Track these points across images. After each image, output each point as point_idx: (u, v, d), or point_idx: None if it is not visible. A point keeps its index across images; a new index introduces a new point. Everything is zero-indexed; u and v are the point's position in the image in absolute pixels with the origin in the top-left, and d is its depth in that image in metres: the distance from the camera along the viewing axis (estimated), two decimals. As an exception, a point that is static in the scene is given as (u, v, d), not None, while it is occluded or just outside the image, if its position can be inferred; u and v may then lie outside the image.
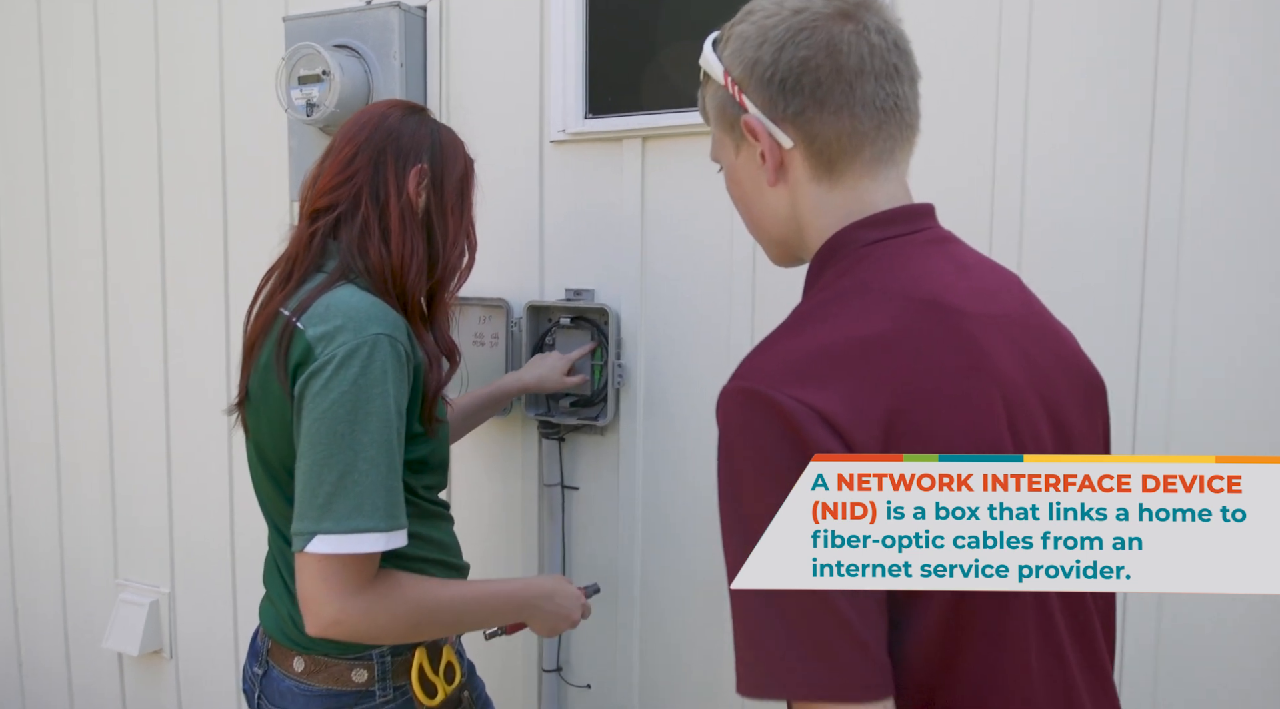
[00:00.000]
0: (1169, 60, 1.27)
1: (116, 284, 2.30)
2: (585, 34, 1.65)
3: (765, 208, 0.83)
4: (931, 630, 0.69)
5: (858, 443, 0.66)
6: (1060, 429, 0.78)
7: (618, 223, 1.66)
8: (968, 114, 1.38)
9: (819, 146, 0.77)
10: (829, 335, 0.71)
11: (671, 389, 1.64)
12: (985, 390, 0.71)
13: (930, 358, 0.70)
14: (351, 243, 1.14)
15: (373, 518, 1.03)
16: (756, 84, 0.77)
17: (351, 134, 1.18)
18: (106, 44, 2.24)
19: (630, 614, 1.70)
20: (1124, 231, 1.31)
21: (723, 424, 0.71)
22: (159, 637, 2.30)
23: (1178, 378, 1.29)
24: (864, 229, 0.78)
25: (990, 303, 0.77)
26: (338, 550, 1.02)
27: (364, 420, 1.03)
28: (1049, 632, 0.73)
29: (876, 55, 0.75)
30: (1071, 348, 0.84)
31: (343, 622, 1.04)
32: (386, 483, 1.05)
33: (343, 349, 1.04)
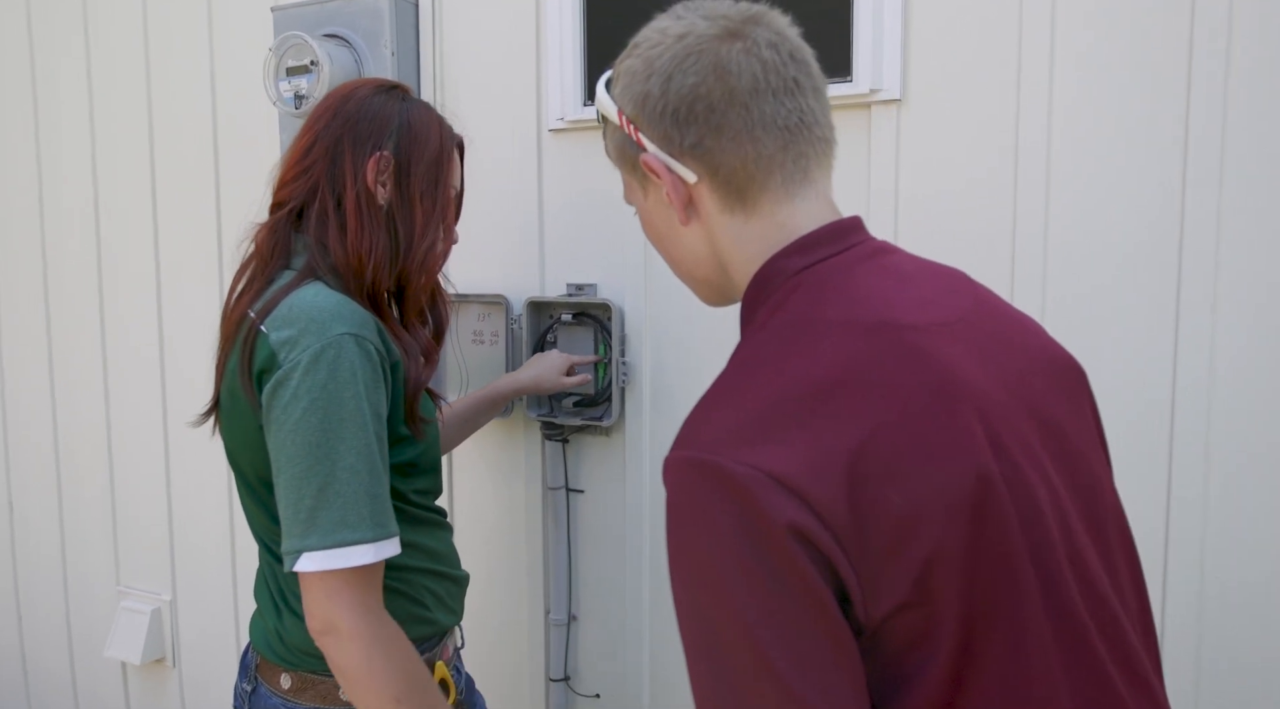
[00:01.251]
0: (1204, 40, 1.18)
1: (111, 279, 2.25)
2: (583, 17, 1.57)
3: (683, 249, 0.78)
4: (938, 683, 0.62)
5: (820, 502, 0.59)
6: (1048, 428, 0.71)
7: (620, 214, 1.59)
8: (989, 105, 1.30)
9: (724, 176, 0.72)
10: (773, 383, 0.64)
11: (679, 386, 1.57)
12: (955, 409, 0.63)
13: (886, 387, 0.63)
14: (313, 239, 1.08)
15: (358, 529, 0.98)
16: (649, 119, 0.72)
17: (313, 120, 1.12)
18: (96, 37, 2.19)
19: (639, 621, 1.63)
20: (1156, 225, 1.23)
21: (671, 497, 0.64)
22: (161, 645, 2.26)
23: (1217, 378, 1.21)
24: (790, 257, 0.72)
25: (940, 310, 0.70)
26: (326, 566, 0.97)
27: (338, 427, 0.98)
28: (1077, 645, 0.65)
29: (771, 71, 0.70)
30: (1038, 337, 0.77)
31: (346, 642, 0.99)
32: (370, 491, 1.00)
33: (307, 354, 0.98)
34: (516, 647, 1.75)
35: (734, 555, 0.59)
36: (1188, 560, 1.24)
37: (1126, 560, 0.75)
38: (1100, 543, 0.71)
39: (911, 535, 0.60)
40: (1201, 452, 1.23)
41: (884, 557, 0.59)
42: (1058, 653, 0.64)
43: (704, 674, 0.62)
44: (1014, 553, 0.63)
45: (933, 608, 0.60)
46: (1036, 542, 0.64)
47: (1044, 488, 0.67)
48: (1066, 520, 0.68)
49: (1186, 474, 1.24)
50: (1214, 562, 1.23)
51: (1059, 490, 0.69)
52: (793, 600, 0.58)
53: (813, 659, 0.58)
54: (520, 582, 1.74)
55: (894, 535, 0.59)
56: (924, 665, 0.61)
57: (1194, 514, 1.24)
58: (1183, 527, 1.25)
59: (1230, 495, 1.22)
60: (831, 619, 0.59)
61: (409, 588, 1.13)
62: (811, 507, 0.59)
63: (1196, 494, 1.23)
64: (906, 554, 0.60)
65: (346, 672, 1.00)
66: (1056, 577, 0.65)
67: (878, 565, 0.59)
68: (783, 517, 0.58)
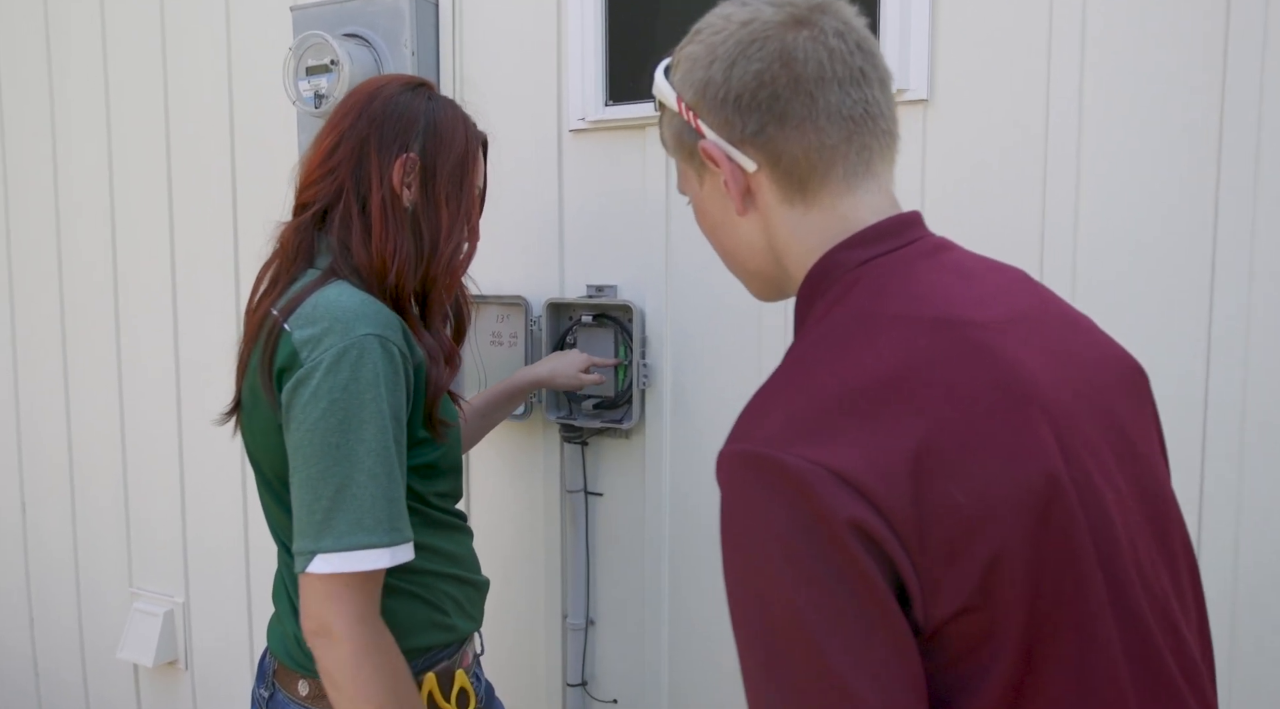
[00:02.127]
0: (1239, 27, 1.17)
1: (126, 284, 2.24)
2: (605, 17, 1.56)
3: (738, 240, 0.77)
4: (1000, 691, 0.60)
5: (883, 500, 0.57)
6: (1115, 431, 0.68)
7: (641, 215, 1.58)
8: (1017, 105, 1.28)
9: (786, 166, 0.70)
10: (834, 377, 0.63)
11: (700, 389, 1.56)
12: (1023, 408, 0.61)
13: (951, 384, 0.61)
14: (336, 240, 1.07)
15: (374, 533, 0.97)
16: (710, 105, 0.71)
17: (337, 119, 1.10)
18: (112, 36, 2.18)
19: (658, 625, 1.62)
20: (1188, 228, 1.21)
21: (724, 495, 0.62)
22: (174, 647, 2.25)
23: (1251, 380, 1.19)
24: (850, 250, 0.70)
25: (1003, 308, 0.68)
26: (340, 569, 0.96)
27: (358, 429, 0.97)
28: (1147, 658, 0.63)
29: (837, 60, 0.68)
30: (1101, 338, 0.75)
31: (339, 644, 0.97)
32: (388, 494, 0.99)
33: (329, 354, 0.97)
34: (534, 651, 1.74)
35: (792, 553, 0.58)
36: (1221, 550, 1.23)
37: (1189, 572, 0.73)
38: (1165, 552, 0.69)
39: (975, 536, 0.58)
40: (1236, 443, 1.21)
41: (946, 557, 0.58)
42: (1126, 664, 0.62)
43: (758, 673, 0.60)
44: (1082, 558, 0.61)
45: (995, 612, 0.59)
46: (1105, 547, 0.62)
47: (1111, 493, 0.65)
48: (1132, 527, 0.66)
49: (1220, 464, 1.22)
50: (1248, 557, 1.21)
51: (1125, 496, 0.67)
52: (853, 599, 0.57)
53: (872, 659, 0.57)
54: (538, 585, 1.72)
55: (957, 535, 0.58)
56: (983, 672, 0.59)
57: (1228, 506, 1.22)
58: (1216, 519, 1.23)
59: (1265, 487, 1.20)
60: (892, 619, 0.57)
61: (429, 593, 1.12)
62: (874, 503, 0.57)
63: (1230, 486, 1.22)
64: (969, 555, 0.58)
65: (334, 676, 0.98)
66: (1126, 584, 0.63)
67: (939, 566, 0.58)
68: (844, 513, 0.57)
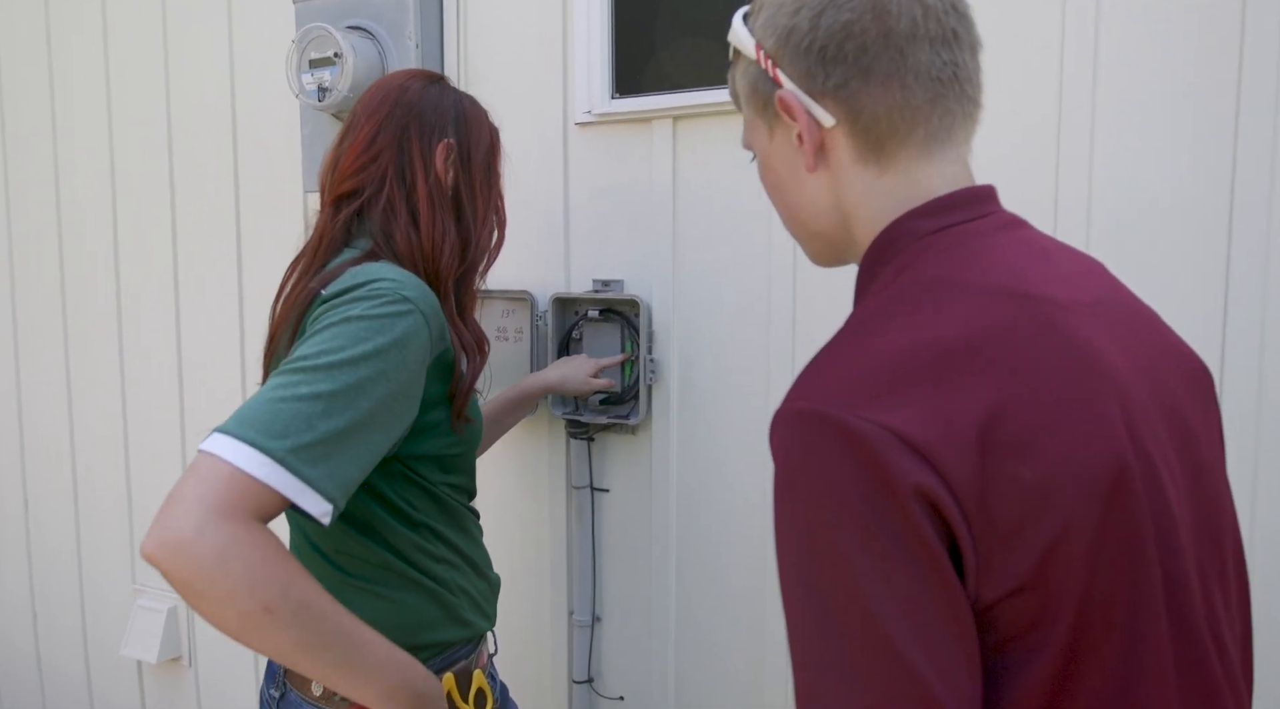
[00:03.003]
0: (1257, 13, 1.15)
1: (129, 281, 2.23)
2: (611, 9, 1.55)
3: (804, 198, 0.73)
4: (1044, 681, 0.58)
5: (948, 467, 0.55)
6: (1179, 428, 0.67)
7: (648, 209, 1.56)
8: (1026, 93, 1.27)
9: (865, 124, 0.67)
10: (900, 340, 0.60)
11: (707, 385, 1.54)
12: (1094, 389, 0.60)
13: (1024, 357, 0.59)
14: (378, 227, 1.05)
15: (284, 440, 0.81)
16: (792, 54, 0.68)
17: (372, 109, 1.09)
18: (114, 29, 2.17)
19: (665, 622, 1.61)
20: (1206, 204, 1.20)
21: (781, 455, 0.60)
22: (178, 644, 2.24)
23: (1267, 367, 1.18)
24: (922, 218, 0.67)
25: (1080, 291, 0.66)
26: (231, 458, 0.79)
27: (369, 360, 0.87)
28: (1195, 662, 0.61)
29: (931, 18, 0.65)
30: (1171, 336, 0.73)
31: (186, 547, 0.75)
32: (340, 434, 0.84)
33: (368, 290, 0.92)
34: (540, 648, 1.73)
35: (851, 516, 0.56)
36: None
37: (1238, 583, 0.71)
38: (1216, 558, 0.67)
39: (1039, 515, 0.56)
40: (1253, 428, 1.20)
41: (1007, 536, 0.56)
42: (1174, 667, 0.60)
43: (807, 641, 0.58)
44: (1144, 551, 0.59)
45: (1047, 598, 0.57)
46: (1167, 543, 0.60)
47: (1174, 488, 0.63)
48: (1188, 527, 0.64)
49: (1236, 450, 1.21)
50: (1266, 530, 1.20)
51: (1183, 494, 0.65)
52: (914, 567, 0.55)
53: (929, 630, 0.54)
54: (544, 582, 1.71)
55: (1021, 514, 0.56)
56: (1030, 658, 0.57)
57: (1243, 489, 1.21)
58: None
59: None
60: (952, 590, 0.55)
61: (441, 588, 1.10)
62: (939, 471, 0.55)
63: (1247, 469, 1.20)
64: (1030, 535, 0.56)
65: (197, 587, 0.76)
66: (1185, 586, 0.61)
67: (999, 544, 0.56)
68: (909, 479, 0.54)
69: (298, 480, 0.82)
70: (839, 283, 1.42)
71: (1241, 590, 0.72)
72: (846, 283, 1.41)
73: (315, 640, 0.82)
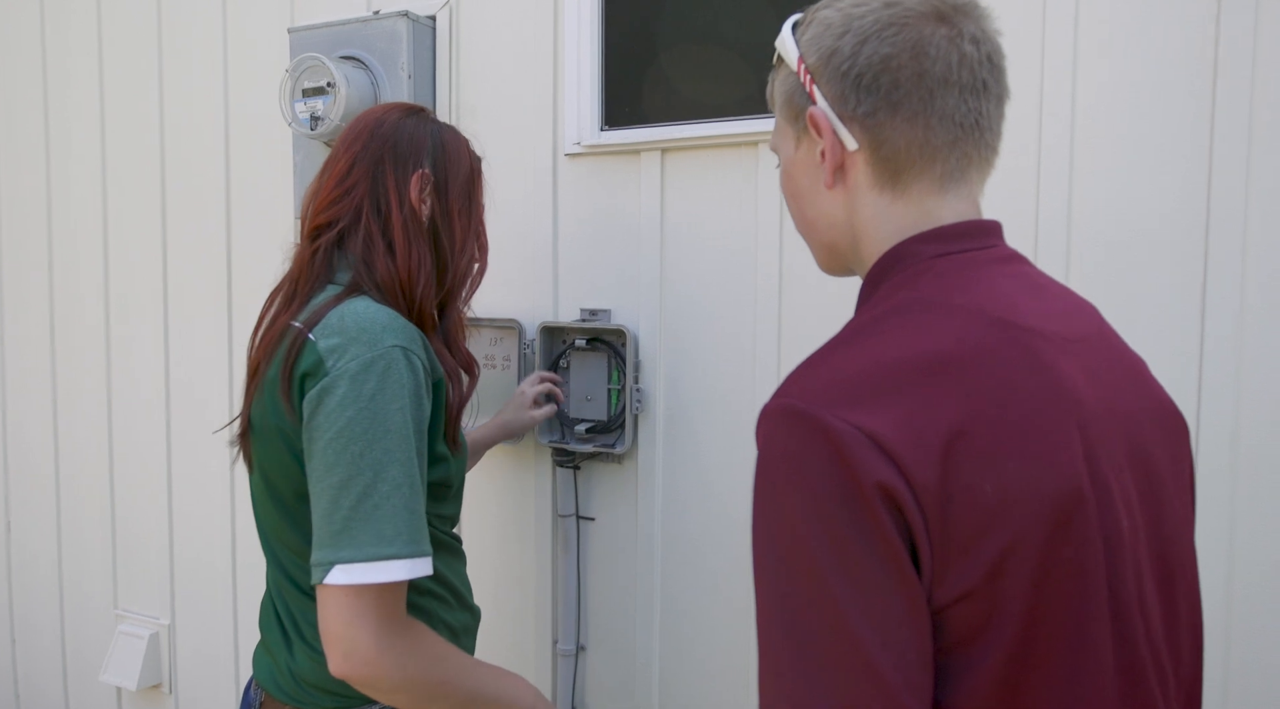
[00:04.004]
0: (1230, 41, 1.18)
1: (119, 302, 2.23)
2: (600, 43, 1.57)
3: (818, 210, 0.77)
4: (988, 686, 0.60)
5: (913, 471, 0.59)
6: (1142, 463, 0.69)
7: (636, 240, 1.58)
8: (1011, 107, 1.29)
9: (885, 154, 0.71)
10: (885, 351, 0.64)
11: (693, 414, 1.55)
12: (1059, 416, 0.63)
13: (998, 378, 0.62)
14: (358, 257, 1.08)
15: (395, 544, 0.96)
16: (830, 76, 0.71)
17: (348, 144, 1.11)
18: (110, 54, 2.19)
19: (649, 653, 1.60)
20: (1182, 228, 1.22)
21: (764, 446, 0.64)
22: (158, 670, 2.22)
23: (1243, 390, 1.20)
24: (927, 243, 0.71)
25: (1065, 326, 0.69)
26: (360, 580, 0.94)
27: (383, 438, 0.96)
28: (1135, 680, 0.64)
29: (966, 66, 0.69)
30: (1151, 383, 0.76)
31: (374, 663, 0.95)
32: (409, 505, 0.98)
33: (356, 363, 0.97)
34: (524, 676, 1.72)
35: (819, 506, 0.59)
36: (1214, 561, 1.22)
37: (1189, 623, 0.73)
38: (1166, 594, 0.70)
39: (993, 528, 0.59)
40: (1228, 458, 1.21)
41: (962, 543, 0.59)
42: (1115, 683, 0.63)
43: (774, 624, 0.61)
44: (1091, 572, 0.62)
45: (995, 604, 0.59)
46: (1113, 567, 0.63)
47: (1128, 522, 0.65)
48: (1140, 564, 0.67)
49: (1211, 479, 1.22)
50: (1243, 570, 1.21)
51: (1139, 529, 0.67)
52: (873, 558, 0.58)
53: (886, 619, 0.58)
54: (528, 610, 1.71)
55: (977, 524, 0.59)
56: (977, 662, 0.60)
57: (1220, 519, 1.22)
58: (1207, 530, 1.22)
59: (1259, 500, 1.20)
60: (909, 583, 0.58)
61: (426, 620, 1.10)
62: (904, 473, 0.58)
63: (1224, 496, 1.21)
64: (984, 545, 0.59)
65: (387, 691, 0.98)
66: (1128, 609, 0.64)
67: (954, 550, 0.59)
68: (875, 476, 0.58)
69: (422, 559, 0.99)
70: (823, 315, 1.44)
71: (1193, 625, 0.74)
72: (831, 315, 1.42)
73: (465, 701, 1.05)
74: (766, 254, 1.47)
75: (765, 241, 1.47)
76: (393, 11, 1.68)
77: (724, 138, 1.47)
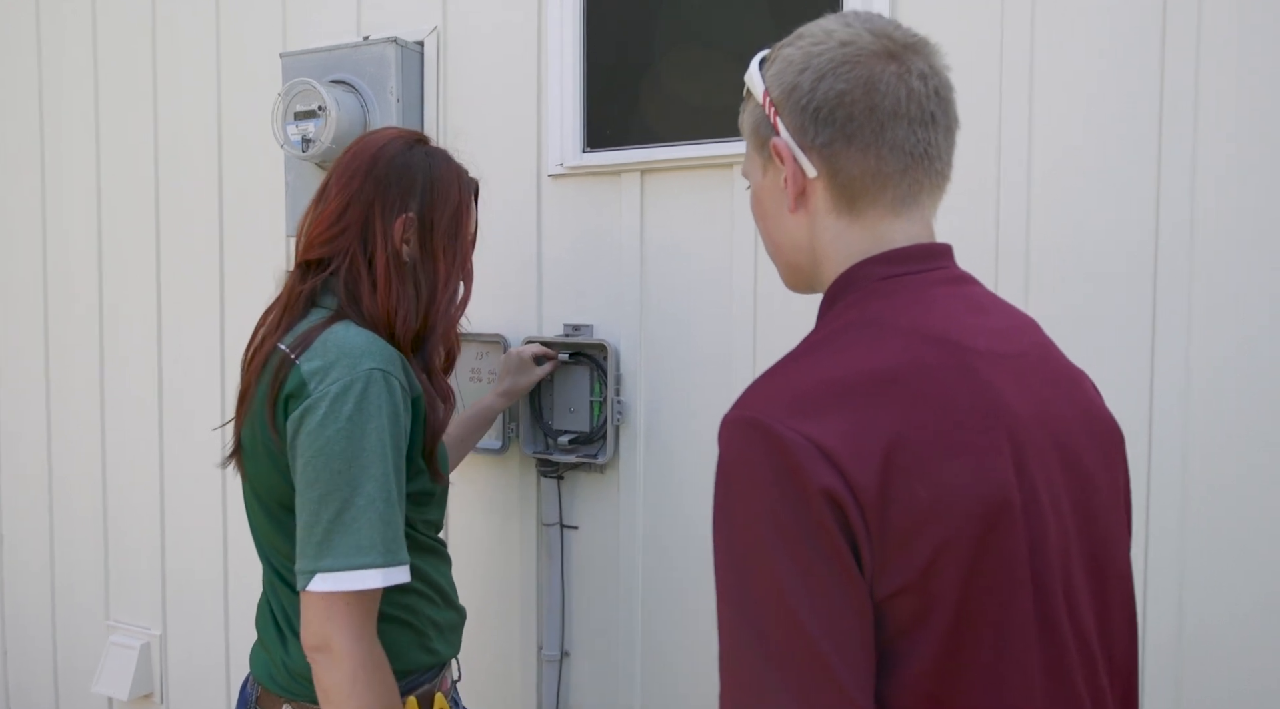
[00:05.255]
0: (1175, 62, 1.24)
1: (112, 316, 2.28)
2: (583, 68, 1.64)
3: (783, 232, 0.83)
4: (922, 675, 0.67)
5: (855, 478, 0.65)
6: (1075, 471, 0.75)
7: (617, 257, 1.64)
8: (970, 123, 1.36)
9: (842, 181, 0.77)
10: (834, 368, 0.71)
11: (672, 425, 1.61)
12: (990, 428, 0.69)
13: (934, 393, 0.69)
14: (345, 290, 1.15)
15: (371, 554, 1.03)
16: (791, 109, 0.77)
17: (344, 182, 1.17)
18: (105, 74, 2.24)
19: (631, 659, 1.65)
20: (1134, 239, 1.28)
21: (723, 452, 0.70)
22: (150, 680, 2.25)
23: (1193, 392, 1.26)
24: (879, 264, 0.77)
25: (1003, 342, 0.75)
26: (338, 587, 1.02)
27: (360, 455, 1.04)
28: (1060, 673, 0.70)
29: (914, 100, 0.75)
30: (1089, 396, 0.82)
31: (339, 657, 1.02)
32: (385, 518, 1.05)
33: (336, 385, 1.04)
34: (509, 682, 1.77)
35: (771, 508, 0.66)
36: (1166, 588, 1.28)
37: (1123, 619, 0.79)
38: (1099, 599, 0.76)
39: (927, 528, 0.65)
40: (1179, 477, 1.27)
41: (899, 542, 0.65)
42: (1041, 679, 0.68)
43: (731, 617, 0.68)
44: (1016, 571, 0.68)
45: (929, 598, 0.66)
46: (1040, 569, 0.69)
47: (1055, 525, 0.72)
48: (1069, 564, 0.73)
49: (1163, 499, 1.28)
50: (1193, 591, 1.27)
51: (1069, 534, 0.73)
52: (820, 557, 0.64)
53: (831, 611, 0.64)
54: (514, 617, 1.76)
55: (912, 525, 0.65)
56: (912, 650, 0.66)
57: (1170, 543, 1.28)
58: (1160, 554, 1.28)
59: (1208, 521, 1.26)
60: (852, 579, 0.65)
61: (413, 617, 1.16)
62: (846, 479, 0.65)
63: (1174, 522, 1.27)
64: (919, 544, 0.65)
65: (329, 691, 1.04)
66: (1053, 606, 0.70)
67: (892, 548, 0.65)
68: (819, 481, 0.64)
69: (398, 568, 1.06)
70: (797, 329, 1.49)
71: (1126, 620, 0.80)
72: (802, 329, 1.47)
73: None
74: (741, 271, 1.53)
75: (740, 259, 1.53)
76: (382, 38, 1.74)
77: (700, 159, 1.54)
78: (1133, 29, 1.27)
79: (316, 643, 1.03)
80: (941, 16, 1.37)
